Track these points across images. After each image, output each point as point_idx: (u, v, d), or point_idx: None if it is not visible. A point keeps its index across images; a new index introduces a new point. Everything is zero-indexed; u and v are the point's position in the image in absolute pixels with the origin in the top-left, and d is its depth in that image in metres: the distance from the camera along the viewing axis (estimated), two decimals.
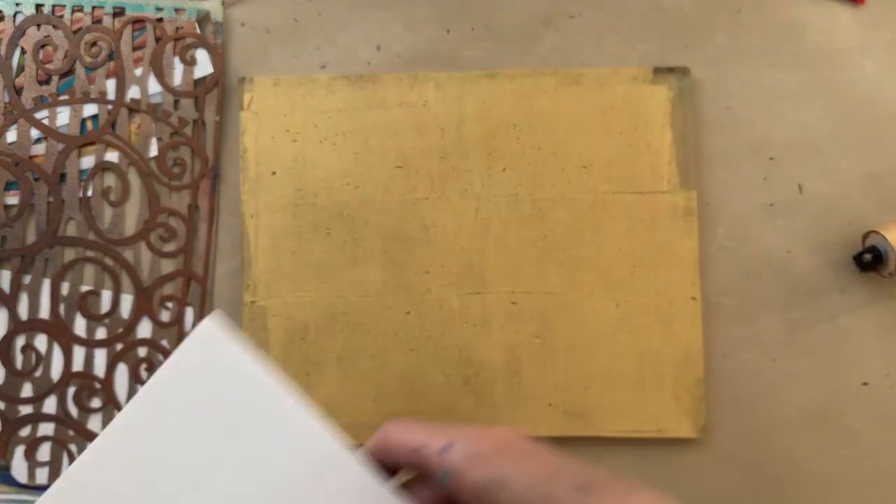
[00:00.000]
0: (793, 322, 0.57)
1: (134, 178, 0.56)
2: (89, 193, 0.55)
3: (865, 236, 0.55)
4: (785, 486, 0.56)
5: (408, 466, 0.36)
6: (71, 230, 0.55)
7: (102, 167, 0.55)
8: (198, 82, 0.56)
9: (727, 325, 0.57)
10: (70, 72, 0.56)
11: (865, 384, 0.57)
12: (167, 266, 0.55)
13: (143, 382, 0.55)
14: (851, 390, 0.57)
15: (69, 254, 0.55)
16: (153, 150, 0.56)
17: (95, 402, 0.55)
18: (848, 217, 0.57)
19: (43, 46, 0.56)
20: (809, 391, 0.56)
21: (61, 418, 0.54)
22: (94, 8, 0.56)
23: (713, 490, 0.56)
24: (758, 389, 0.56)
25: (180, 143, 0.56)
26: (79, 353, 0.55)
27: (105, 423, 0.54)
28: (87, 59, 0.55)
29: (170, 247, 0.56)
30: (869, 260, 0.54)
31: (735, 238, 0.57)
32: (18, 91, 0.55)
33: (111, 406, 0.55)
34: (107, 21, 0.56)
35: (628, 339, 0.55)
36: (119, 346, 0.55)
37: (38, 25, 0.56)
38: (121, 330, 0.55)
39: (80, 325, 0.55)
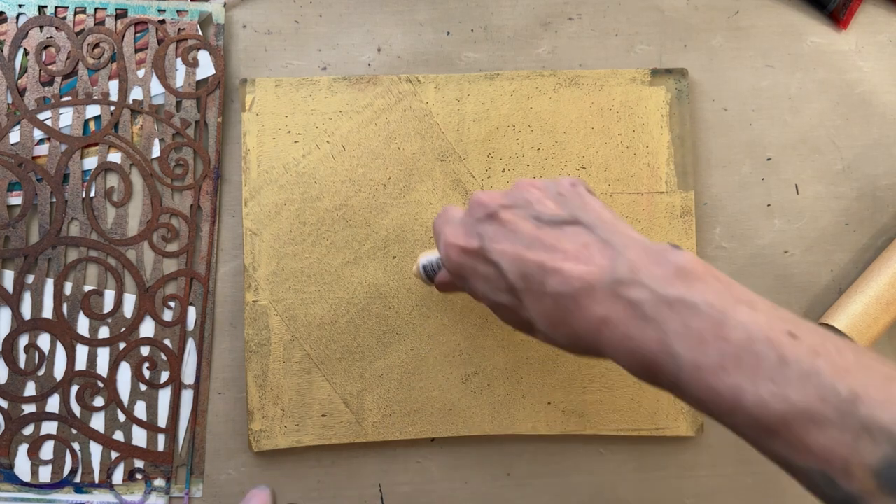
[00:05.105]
0: None
1: (136, 179, 0.56)
2: (92, 194, 0.56)
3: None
4: (781, 484, 0.57)
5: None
6: (74, 230, 0.56)
7: (105, 168, 0.56)
8: (200, 84, 0.57)
9: None
10: (73, 73, 0.56)
11: None
12: (169, 266, 0.56)
13: (145, 381, 0.55)
14: None
15: (72, 254, 0.56)
16: (156, 151, 0.56)
17: (98, 401, 0.55)
18: (844, 218, 0.58)
19: (46, 48, 0.56)
20: None
21: (64, 417, 0.55)
22: (96, 10, 0.56)
23: (710, 488, 0.56)
24: None
25: (182, 144, 0.56)
26: (82, 352, 0.55)
27: (108, 421, 0.55)
28: (90, 61, 0.56)
29: (172, 247, 0.56)
30: None
31: (733, 238, 0.57)
32: (21, 92, 0.56)
33: (114, 405, 0.55)
34: (109, 23, 0.56)
35: None
36: (122, 346, 0.55)
37: (41, 27, 0.56)
38: (123, 329, 0.55)
39: (83, 325, 0.55)
